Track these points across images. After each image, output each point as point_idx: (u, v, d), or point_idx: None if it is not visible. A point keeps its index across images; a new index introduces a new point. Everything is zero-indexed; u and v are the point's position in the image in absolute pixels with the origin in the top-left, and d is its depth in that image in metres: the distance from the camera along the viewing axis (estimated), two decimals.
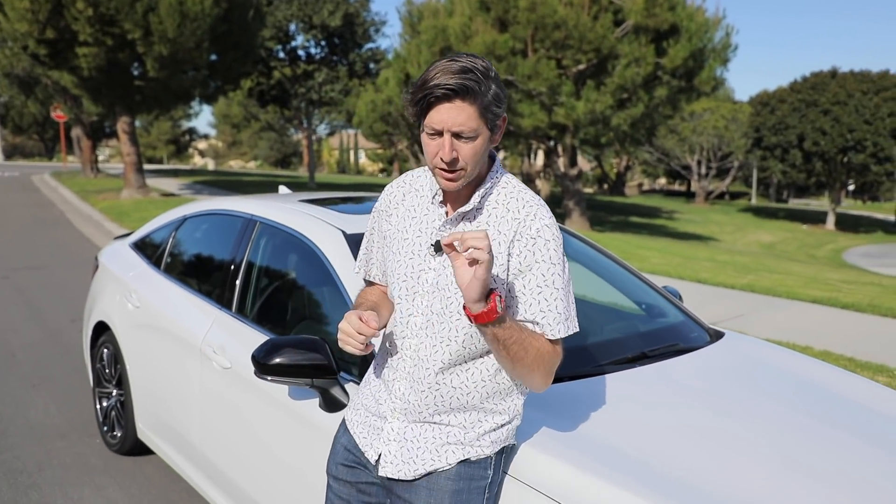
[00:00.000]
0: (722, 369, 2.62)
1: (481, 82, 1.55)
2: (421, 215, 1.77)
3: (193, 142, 72.89)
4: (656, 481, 1.77)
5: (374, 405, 1.85)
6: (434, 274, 1.70)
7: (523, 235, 1.66)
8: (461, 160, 1.60)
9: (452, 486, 1.72)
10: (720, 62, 18.23)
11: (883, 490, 1.90)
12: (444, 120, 1.56)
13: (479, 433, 1.75)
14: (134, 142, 19.10)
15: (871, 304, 7.74)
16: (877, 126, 36.20)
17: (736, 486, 1.80)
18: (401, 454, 1.75)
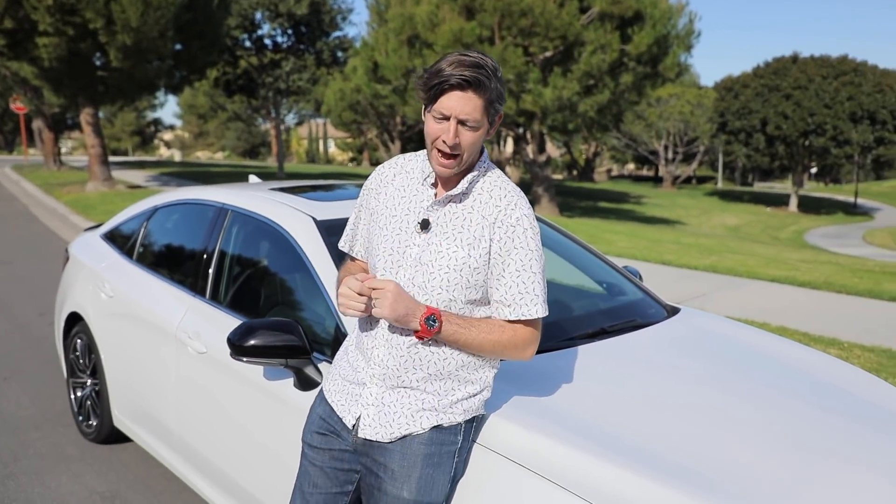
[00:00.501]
0: (676, 341, 2.77)
1: (491, 78, 1.71)
2: (410, 195, 1.89)
3: (159, 133, 71.72)
4: (612, 444, 1.90)
5: (351, 374, 1.95)
6: (418, 249, 1.83)
7: (503, 223, 1.80)
8: (462, 146, 1.74)
9: (424, 450, 1.84)
10: (684, 48, 18.51)
11: (820, 445, 2.05)
12: (454, 107, 1.70)
13: (451, 401, 1.86)
14: (98, 133, 18.82)
15: (827, 281, 8.02)
16: (836, 110, 37.02)
17: (685, 446, 1.94)
18: (378, 418, 1.86)
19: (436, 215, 1.84)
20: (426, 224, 1.83)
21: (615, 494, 1.73)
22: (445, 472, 1.86)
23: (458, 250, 1.80)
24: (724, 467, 1.87)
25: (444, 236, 1.82)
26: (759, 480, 1.84)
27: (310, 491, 1.98)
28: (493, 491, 1.88)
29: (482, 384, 1.92)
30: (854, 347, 5.46)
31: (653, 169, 61.62)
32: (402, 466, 1.83)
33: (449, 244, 1.81)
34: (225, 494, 2.91)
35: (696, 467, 1.85)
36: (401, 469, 1.83)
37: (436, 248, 1.82)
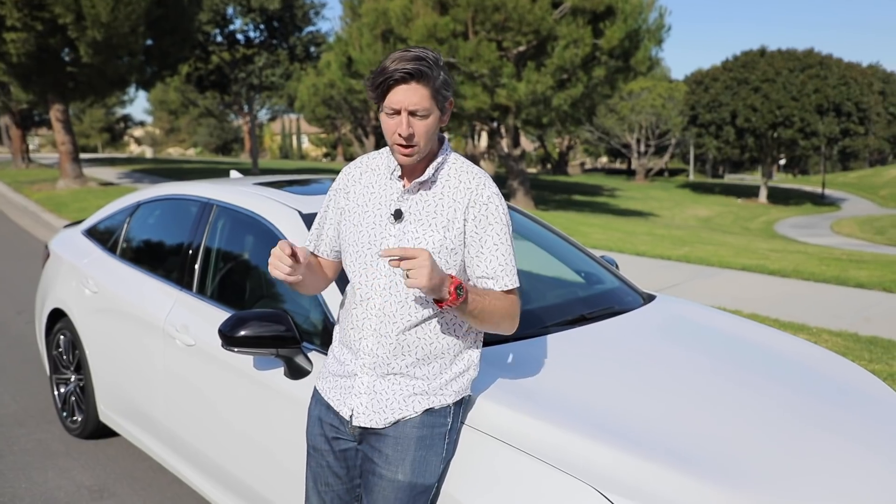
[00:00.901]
0: (652, 327, 2.88)
1: (433, 68, 1.79)
2: (379, 190, 1.96)
3: (129, 129, 70.71)
4: (591, 422, 2.00)
5: (339, 368, 2.02)
6: (395, 240, 1.89)
7: (476, 202, 1.89)
8: (416, 136, 1.81)
9: (417, 433, 1.92)
10: (655, 42, 18.76)
11: (790, 422, 2.17)
12: (402, 100, 1.78)
13: (441, 383, 1.94)
14: (68, 130, 18.58)
15: (796, 269, 8.24)
16: (803, 102, 37.66)
17: (660, 423, 2.05)
18: (371, 405, 1.93)
19: (407, 204, 1.91)
20: (399, 214, 1.90)
21: (594, 468, 1.83)
22: (437, 454, 1.94)
23: (434, 234, 1.87)
24: (697, 442, 1.98)
25: (418, 223, 1.89)
26: (731, 454, 1.95)
27: (324, 489, 2.05)
28: (481, 468, 1.96)
29: (468, 363, 2.00)
30: (822, 332, 5.65)
31: (626, 162, 62.18)
32: (396, 450, 1.91)
33: (424, 229, 1.88)
34: (214, 483, 2.96)
35: (671, 442, 1.95)
36: (395, 453, 1.91)
37: (412, 234, 1.88)
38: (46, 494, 3.49)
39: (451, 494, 1.96)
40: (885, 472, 2.02)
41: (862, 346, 5.25)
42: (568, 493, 1.80)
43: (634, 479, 1.80)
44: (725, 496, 1.79)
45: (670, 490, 1.78)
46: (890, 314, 6.35)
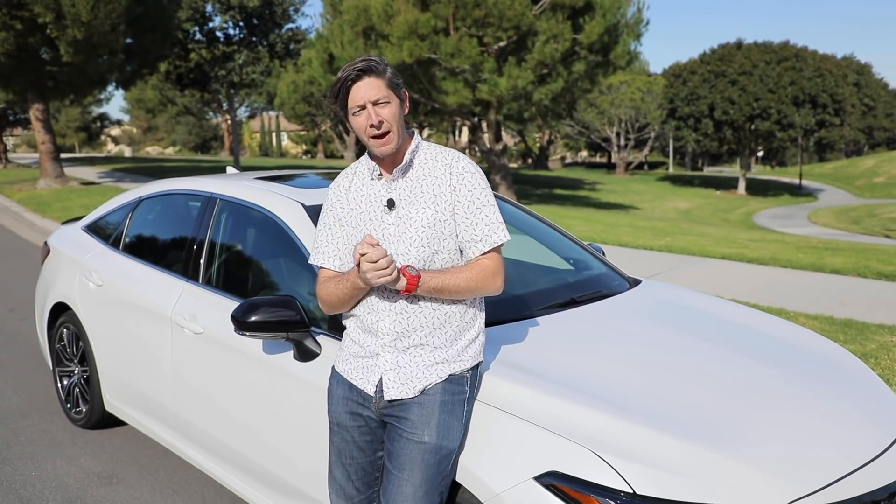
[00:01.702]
0: (637, 308, 3.05)
1: (379, 63, 2.03)
2: (367, 191, 2.16)
3: (106, 128, 69.99)
4: (582, 392, 2.17)
5: (360, 350, 2.16)
6: (394, 227, 2.09)
7: (455, 174, 2.11)
8: (385, 122, 2.02)
9: (440, 398, 2.07)
10: (633, 37, 18.97)
11: (762, 390, 2.36)
12: (363, 94, 2.01)
13: (458, 350, 2.11)
14: (49, 129, 18.48)
15: (774, 257, 8.49)
16: (779, 94, 38.20)
17: (644, 392, 2.23)
18: (399, 378, 2.08)
19: (396, 192, 2.11)
20: (392, 203, 2.09)
21: (588, 432, 2.00)
22: (459, 419, 2.10)
23: (426, 209, 2.07)
24: (679, 408, 2.16)
25: (410, 205, 2.08)
26: (710, 418, 2.13)
27: (348, 462, 2.20)
28: (485, 436, 2.12)
29: (478, 329, 2.19)
30: (799, 316, 5.87)
31: (606, 156, 62.64)
32: (421, 416, 2.06)
33: (416, 209, 2.07)
34: (224, 463, 3.10)
35: (655, 408, 2.13)
36: (420, 418, 2.06)
37: (407, 216, 2.08)
38: (56, 481, 3.60)
39: (457, 460, 2.12)
40: (850, 429, 2.21)
41: (837, 329, 5.48)
42: (565, 455, 1.97)
43: (624, 441, 1.98)
44: (705, 452, 1.96)
45: (657, 449, 1.96)
46: (864, 298, 6.60)
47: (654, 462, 1.94)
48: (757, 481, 1.94)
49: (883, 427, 2.31)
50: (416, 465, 2.04)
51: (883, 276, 7.33)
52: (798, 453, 2.06)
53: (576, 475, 1.94)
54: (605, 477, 1.91)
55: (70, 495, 3.46)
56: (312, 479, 2.59)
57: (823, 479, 1.99)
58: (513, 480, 2.00)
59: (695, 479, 1.91)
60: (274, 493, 2.85)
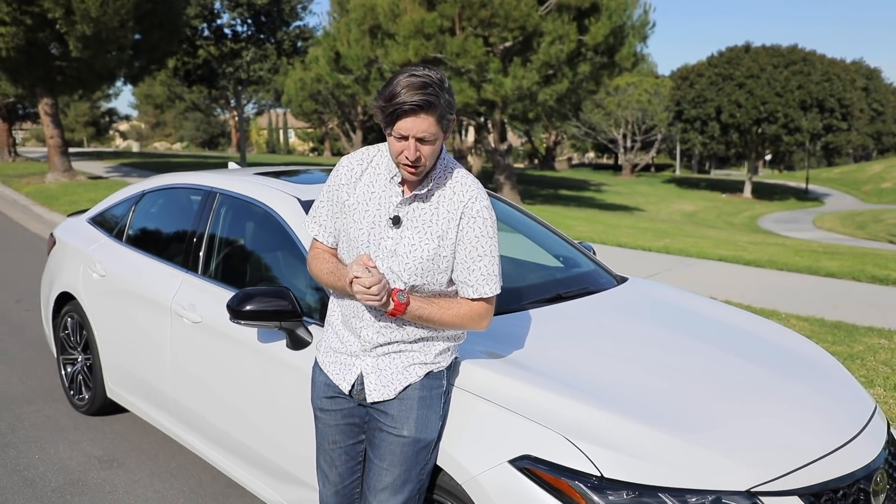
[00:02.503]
0: (621, 304, 3.15)
1: (439, 95, 1.93)
2: (380, 191, 2.12)
3: (114, 123, 70.33)
4: (561, 382, 2.27)
5: (341, 346, 2.23)
6: (392, 242, 2.10)
7: (467, 215, 2.08)
8: (423, 158, 1.98)
9: (419, 394, 2.16)
10: (639, 38, 19.06)
11: (736, 383, 2.45)
12: (410, 128, 1.93)
13: (435, 353, 2.20)
14: (57, 124, 18.65)
15: (770, 260, 8.56)
16: (787, 98, 38.17)
17: (618, 382, 2.33)
18: (379, 381, 2.16)
19: (405, 211, 2.08)
20: (397, 220, 2.07)
21: (561, 419, 2.10)
22: (437, 412, 2.20)
23: (430, 243, 2.06)
24: (651, 397, 2.26)
25: (415, 230, 2.07)
26: (681, 408, 2.23)
27: (331, 447, 2.28)
28: (465, 422, 2.22)
29: (455, 336, 2.26)
30: (791, 318, 5.95)
31: (612, 157, 62.63)
32: (401, 411, 2.15)
33: (420, 238, 2.06)
34: (219, 448, 3.21)
35: (628, 397, 2.24)
36: (400, 413, 2.15)
37: (409, 241, 2.06)
38: (59, 464, 3.72)
39: (438, 445, 2.22)
40: (819, 420, 2.31)
41: (827, 330, 5.56)
42: (539, 440, 2.07)
43: (595, 427, 2.08)
44: (672, 439, 2.06)
45: (626, 435, 2.06)
46: (856, 301, 6.67)
47: (623, 447, 2.04)
48: (722, 466, 2.04)
49: (851, 418, 2.40)
50: (395, 457, 2.14)
51: (877, 279, 7.40)
52: (765, 441, 2.16)
53: (548, 459, 2.04)
54: (576, 461, 2.01)
55: (72, 477, 3.58)
56: (303, 463, 2.69)
57: (788, 465, 2.08)
58: (489, 463, 2.10)
59: (661, 464, 2.01)
60: (267, 477, 2.96)
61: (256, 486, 3.03)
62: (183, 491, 3.46)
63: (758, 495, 2.00)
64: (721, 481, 2.01)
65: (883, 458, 2.31)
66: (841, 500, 2.11)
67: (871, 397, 2.68)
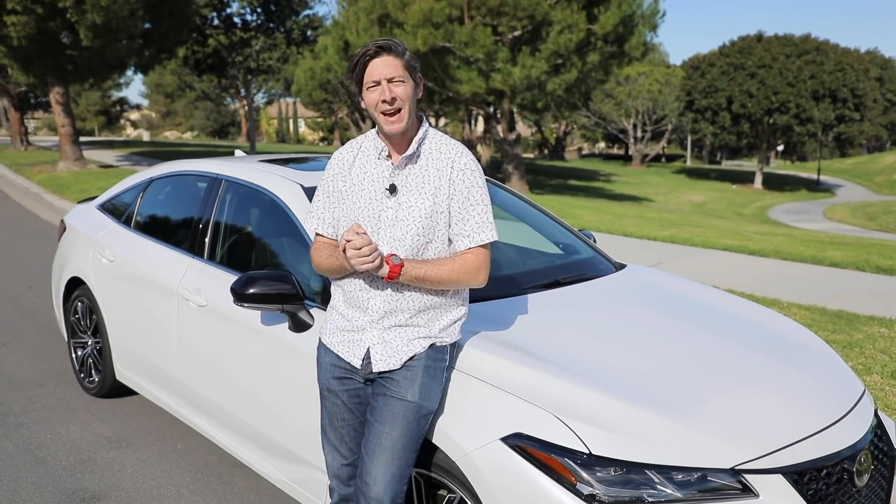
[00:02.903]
0: (616, 290, 3.21)
1: (399, 44, 2.15)
2: (371, 169, 2.25)
3: (125, 112, 70.60)
4: (551, 362, 2.33)
5: (347, 324, 2.31)
6: (392, 211, 2.20)
7: (456, 169, 2.21)
8: (398, 99, 2.12)
9: (424, 363, 2.24)
10: (649, 28, 18.97)
11: (725, 364, 2.51)
12: (380, 71, 2.12)
13: (439, 328, 2.27)
14: (68, 113, 18.80)
15: (775, 250, 8.58)
16: (799, 88, 37.87)
17: (609, 364, 2.39)
18: (385, 352, 2.24)
19: (399, 179, 2.20)
20: (394, 188, 2.19)
21: (552, 399, 2.17)
22: (439, 383, 2.27)
23: (425, 201, 2.18)
24: (642, 379, 2.32)
25: (410, 194, 2.18)
26: (670, 389, 2.29)
27: (340, 425, 2.36)
28: (462, 401, 2.29)
29: (459, 313, 2.33)
30: (792, 306, 5.98)
31: (623, 147, 62.39)
32: (406, 377, 2.23)
33: (416, 199, 2.18)
34: (224, 428, 3.30)
35: (618, 378, 2.30)
36: (404, 379, 2.23)
37: (406, 205, 2.18)
38: (70, 444, 3.82)
39: (434, 423, 2.29)
40: (806, 401, 2.36)
41: (827, 319, 5.59)
42: (530, 418, 2.14)
43: (584, 406, 2.15)
44: (659, 417, 2.13)
45: (614, 413, 2.13)
46: (859, 290, 6.69)
47: (611, 426, 2.10)
48: (708, 445, 2.09)
49: (838, 400, 2.45)
50: (397, 420, 2.20)
51: (881, 269, 7.41)
52: (751, 421, 2.21)
53: (539, 437, 2.10)
54: (566, 438, 2.08)
55: (82, 457, 3.68)
56: (305, 442, 2.78)
57: (772, 444, 2.14)
58: (482, 441, 2.17)
59: (648, 442, 2.07)
60: (270, 456, 3.04)
61: (260, 465, 3.11)
62: (189, 470, 3.56)
63: (742, 473, 2.06)
64: (706, 459, 2.07)
65: (868, 439, 2.36)
66: (825, 479, 2.17)
67: (861, 381, 2.73)
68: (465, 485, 2.23)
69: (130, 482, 3.45)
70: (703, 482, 2.05)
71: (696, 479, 2.05)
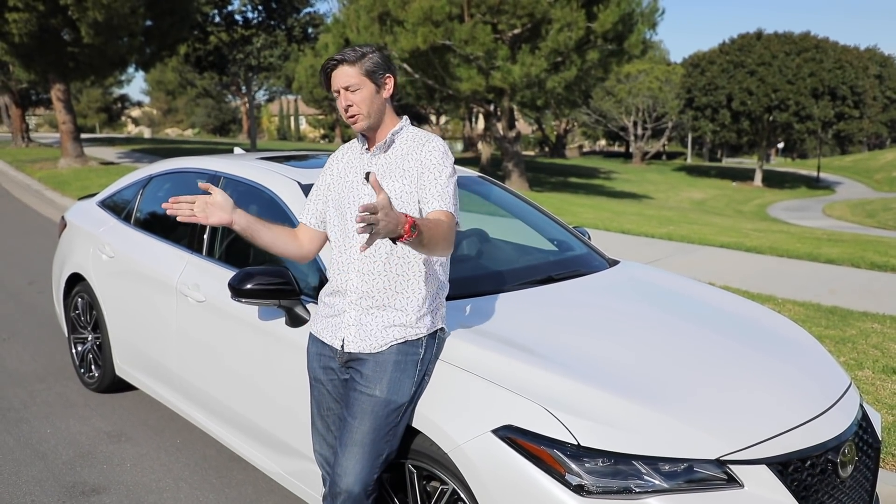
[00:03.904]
0: (608, 285, 3.25)
1: (354, 53, 2.30)
2: (354, 162, 2.46)
3: (126, 110, 70.65)
4: (539, 354, 2.38)
5: (329, 310, 2.42)
6: (368, 197, 2.33)
7: (422, 150, 2.33)
8: (354, 105, 2.30)
9: (394, 359, 2.31)
10: (648, 25, 19.00)
11: (712, 357, 2.55)
12: (338, 81, 2.31)
13: (416, 317, 2.32)
14: (69, 110, 18.83)
15: (771, 247, 8.62)
16: (798, 86, 37.88)
17: (597, 357, 2.43)
18: (358, 335, 2.33)
19: (375, 167, 2.36)
20: (368, 175, 2.27)
21: (540, 390, 2.22)
22: (410, 377, 2.32)
23: (395, 182, 2.31)
24: (628, 371, 2.37)
25: (384, 178, 2.32)
26: (658, 380, 2.34)
27: (326, 413, 2.46)
28: (449, 393, 2.34)
29: (436, 300, 2.39)
30: (787, 302, 6.03)
31: (623, 145, 62.38)
32: (375, 371, 2.30)
33: (388, 181, 2.31)
34: (221, 422, 3.35)
35: (605, 371, 2.34)
36: (374, 374, 2.30)
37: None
38: (70, 438, 3.87)
39: (424, 415, 2.34)
40: (792, 394, 2.41)
41: (821, 315, 5.63)
42: (520, 411, 2.18)
43: (572, 398, 2.19)
44: (646, 410, 2.18)
45: (601, 406, 2.17)
46: (853, 287, 6.73)
47: (599, 417, 2.14)
48: (694, 436, 2.14)
49: (824, 393, 2.50)
50: (366, 415, 2.28)
51: (876, 266, 7.45)
52: (736, 413, 2.26)
53: (529, 428, 2.15)
54: (555, 430, 2.12)
55: (82, 451, 3.73)
56: (301, 436, 2.82)
57: (757, 436, 2.19)
58: (473, 433, 2.22)
59: (635, 434, 2.12)
60: (266, 449, 3.09)
61: (257, 459, 3.16)
62: (188, 464, 3.61)
63: (727, 464, 2.11)
64: (692, 450, 2.11)
65: (852, 431, 2.40)
66: (809, 470, 2.22)
67: (848, 374, 2.77)
68: (457, 476, 2.28)
69: (130, 476, 3.50)
70: (689, 473, 2.09)
71: (683, 469, 2.09)
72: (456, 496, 2.33)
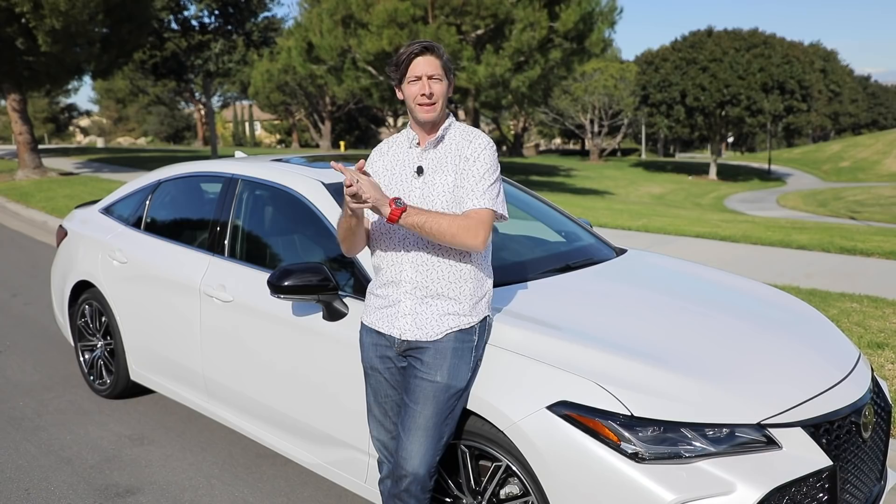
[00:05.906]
0: (625, 271, 3.43)
1: (439, 48, 2.41)
2: (402, 157, 2.49)
3: (74, 119, 69.02)
4: (583, 335, 2.52)
5: (384, 302, 2.49)
6: (420, 191, 2.41)
7: (471, 147, 2.41)
8: (435, 94, 2.37)
9: (452, 345, 2.42)
10: (608, 24, 19.43)
11: (739, 334, 2.73)
12: (423, 68, 2.35)
13: (470, 305, 2.44)
14: (26, 120, 18.39)
15: (745, 235, 8.96)
16: (749, 81, 38.96)
17: (634, 336, 2.59)
18: (415, 324, 2.43)
19: (426, 162, 2.42)
20: (420, 170, 2.43)
21: (590, 367, 2.36)
22: (466, 363, 2.44)
23: (447, 177, 2.39)
24: (666, 347, 2.53)
25: (435, 173, 2.40)
26: (694, 356, 2.50)
27: (384, 400, 2.54)
28: (502, 374, 2.47)
29: (487, 288, 2.52)
30: None
31: (579, 143, 63.25)
32: (436, 359, 2.40)
33: (440, 176, 2.39)
34: (252, 418, 3.41)
35: (646, 348, 2.50)
36: (434, 361, 2.40)
37: (432, 183, 2.40)
38: (92, 443, 3.88)
39: (479, 397, 2.46)
40: (810, 366, 2.60)
41: (802, 297, 5.90)
42: (572, 387, 2.32)
43: (621, 373, 2.34)
44: (689, 381, 2.34)
45: (649, 379, 2.33)
46: (828, 270, 7.06)
47: (647, 389, 2.30)
48: (735, 403, 2.31)
49: (837, 366, 2.70)
50: (428, 400, 2.39)
51: (845, 250, 7.81)
52: (769, 382, 2.44)
53: (582, 402, 2.29)
54: (607, 403, 2.27)
55: (107, 454, 3.75)
56: (344, 425, 2.92)
57: (790, 401, 2.37)
58: (528, 410, 2.35)
59: (681, 403, 2.27)
60: (305, 442, 3.16)
61: (294, 451, 3.23)
62: (216, 462, 3.66)
63: (766, 427, 2.28)
64: (734, 416, 2.28)
65: (868, 397, 2.60)
66: (836, 431, 2.40)
67: (856, 347, 2.98)
68: (511, 452, 2.41)
69: (160, 475, 3.54)
70: (732, 437, 2.26)
71: (727, 434, 2.25)
72: (509, 471, 2.45)
